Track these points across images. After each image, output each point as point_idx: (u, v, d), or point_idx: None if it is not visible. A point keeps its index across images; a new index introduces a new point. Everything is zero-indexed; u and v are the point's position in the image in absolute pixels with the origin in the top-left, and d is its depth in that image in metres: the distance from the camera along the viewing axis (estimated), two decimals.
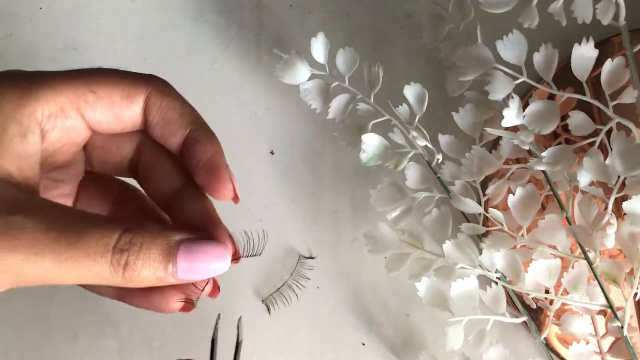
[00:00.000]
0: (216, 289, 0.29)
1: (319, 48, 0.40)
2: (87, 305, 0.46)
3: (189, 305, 0.28)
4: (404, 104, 0.39)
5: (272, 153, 0.47)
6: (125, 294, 0.29)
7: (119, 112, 0.27)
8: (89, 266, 0.23)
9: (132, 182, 0.31)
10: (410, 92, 0.39)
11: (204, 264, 0.25)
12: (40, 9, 0.49)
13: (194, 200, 0.28)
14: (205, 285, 0.27)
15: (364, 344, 0.45)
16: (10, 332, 0.46)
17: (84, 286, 0.31)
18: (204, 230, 0.27)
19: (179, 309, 0.28)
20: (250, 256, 0.28)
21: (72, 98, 0.26)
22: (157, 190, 0.29)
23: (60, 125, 0.26)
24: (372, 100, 0.40)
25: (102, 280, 0.23)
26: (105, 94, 0.26)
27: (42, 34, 0.49)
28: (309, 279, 0.46)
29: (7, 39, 0.49)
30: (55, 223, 0.23)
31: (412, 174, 0.39)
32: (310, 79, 0.41)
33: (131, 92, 0.27)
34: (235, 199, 0.27)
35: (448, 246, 0.37)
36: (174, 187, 0.29)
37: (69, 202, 0.29)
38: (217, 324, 0.31)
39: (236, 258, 0.27)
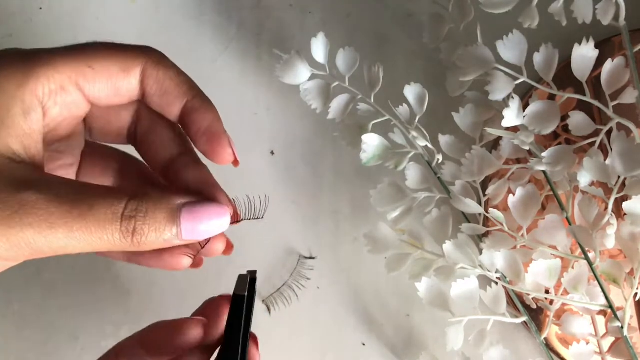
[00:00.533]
0: (229, 246, 0.30)
1: (319, 48, 0.40)
2: (87, 306, 0.46)
3: (198, 260, 0.29)
4: (404, 104, 0.39)
5: (272, 153, 0.47)
6: (134, 256, 0.30)
7: (117, 85, 0.27)
8: (99, 234, 0.24)
9: (130, 150, 0.32)
10: (410, 92, 0.39)
11: (206, 224, 0.26)
12: (40, 9, 0.49)
13: (191, 166, 0.29)
14: (207, 242, 0.28)
15: (364, 344, 0.45)
16: (11, 332, 0.46)
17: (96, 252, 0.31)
18: (203, 193, 0.28)
19: (189, 264, 0.29)
20: (253, 219, 0.30)
21: (70, 74, 0.26)
22: (155, 157, 0.30)
23: (61, 101, 0.27)
24: (372, 100, 0.40)
25: (112, 246, 0.25)
26: (103, 68, 0.27)
27: (42, 34, 0.49)
28: (309, 279, 0.46)
29: (7, 39, 0.49)
30: (65, 196, 0.24)
31: (412, 174, 0.39)
32: (310, 79, 0.41)
33: (127, 64, 0.27)
34: (235, 162, 0.29)
35: (448, 246, 0.37)
36: (171, 154, 0.30)
37: (72, 171, 0.30)
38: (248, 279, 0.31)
39: (236, 219, 0.29)
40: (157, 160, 0.30)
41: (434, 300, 0.37)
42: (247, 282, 0.31)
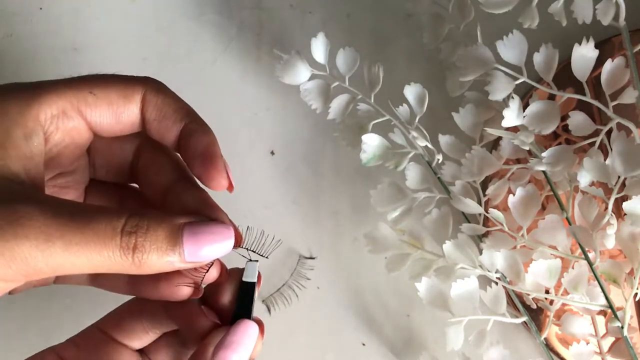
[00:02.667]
0: (224, 272, 0.30)
1: (319, 48, 0.40)
2: (88, 306, 0.46)
3: (197, 290, 0.29)
4: (404, 104, 0.39)
5: (272, 153, 0.47)
6: (135, 286, 0.29)
7: (118, 112, 0.27)
8: (98, 250, 0.23)
9: None
10: (410, 92, 0.39)
11: (209, 244, 0.26)
12: (40, 9, 0.49)
13: (189, 190, 0.29)
14: (209, 268, 0.28)
15: (364, 344, 0.45)
16: (12, 333, 0.46)
17: (96, 283, 0.31)
18: (203, 214, 0.28)
19: (188, 294, 0.29)
20: (257, 253, 0.29)
21: (72, 100, 0.26)
22: (155, 187, 0.30)
23: (62, 126, 0.27)
24: (372, 100, 0.40)
25: (112, 265, 0.24)
26: (104, 94, 0.27)
27: (42, 34, 0.49)
28: (309, 279, 0.46)
29: (7, 39, 0.49)
30: (62, 211, 0.23)
31: (412, 174, 0.39)
32: (310, 79, 0.41)
33: (128, 91, 0.28)
34: (230, 187, 0.28)
35: (448, 246, 0.37)
36: (169, 181, 0.30)
37: None
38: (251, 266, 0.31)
39: (239, 243, 0.28)
40: (156, 190, 0.30)
41: (434, 300, 0.37)
42: (257, 269, 0.30)
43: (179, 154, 0.30)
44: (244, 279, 0.30)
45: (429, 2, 0.41)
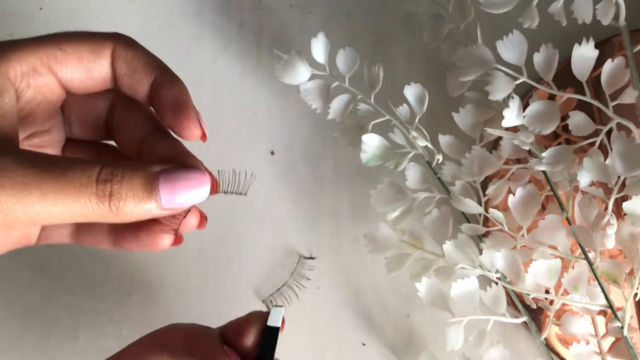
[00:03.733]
0: (203, 219, 0.30)
1: (319, 48, 0.40)
2: (88, 305, 0.46)
3: (178, 238, 0.29)
4: (404, 104, 0.39)
5: (272, 153, 0.47)
6: (117, 239, 0.30)
7: (88, 67, 0.28)
8: (74, 198, 0.23)
9: None
10: (410, 92, 0.39)
11: (185, 190, 0.26)
12: (40, 9, 0.49)
13: (163, 141, 0.29)
14: (186, 214, 0.28)
15: (364, 344, 0.45)
16: (11, 332, 0.46)
17: (79, 239, 0.31)
18: (179, 162, 0.28)
19: (169, 243, 0.29)
20: (235, 193, 0.29)
21: (42, 57, 0.27)
22: (130, 141, 0.30)
23: (34, 83, 0.27)
24: (372, 100, 0.40)
25: (89, 213, 0.24)
26: (73, 50, 0.27)
27: (42, 34, 0.49)
28: (309, 279, 0.46)
29: (7, 38, 0.49)
30: (38, 162, 0.24)
31: (412, 174, 0.39)
32: (310, 79, 0.41)
33: (97, 47, 0.28)
34: (203, 136, 0.28)
35: (448, 246, 0.37)
36: (143, 134, 0.30)
37: None
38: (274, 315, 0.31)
39: (216, 189, 0.28)
40: (131, 144, 0.30)
41: (434, 300, 0.37)
42: (282, 314, 0.31)
43: (151, 108, 0.30)
44: (268, 323, 0.30)
45: (429, 2, 0.41)
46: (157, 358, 0.31)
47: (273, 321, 0.30)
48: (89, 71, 0.28)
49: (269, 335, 0.30)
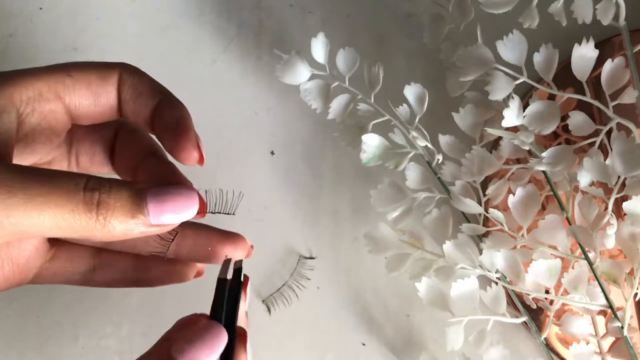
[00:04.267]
0: (250, 249, 0.31)
1: (319, 48, 0.40)
2: (88, 305, 0.46)
3: (200, 271, 0.30)
4: (404, 104, 0.39)
5: (272, 153, 0.47)
6: (139, 272, 0.30)
7: (96, 93, 0.28)
8: (61, 203, 0.23)
9: None
10: (410, 92, 0.39)
11: (173, 206, 0.25)
12: (40, 9, 0.49)
13: (157, 164, 0.29)
14: (174, 237, 0.28)
15: (364, 344, 0.45)
16: (11, 332, 0.46)
17: (95, 276, 0.31)
18: (168, 182, 0.27)
19: (192, 276, 0.30)
20: (223, 213, 0.28)
21: (49, 82, 0.27)
22: (126, 166, 0.30)
23: (39, 108, 0.27)
24: (372, 100, 0.40)
25: (76, 224, 0.23)
26: (82, 76, 0.27)
27: (42, 34, 0.49)
28: (309, 279, 0.46)
29: (7, 39, 0.49)
30: (25, 169, 0.23)
31: (412, 174, 0.39)
32: (310, 79, 0.41)
33: (105, 73, 0.28)
34: (200, 159, 0.28)
35: (448, 246, 0.37)
36: (140, 159, 0.30)
37: None
38: (226, 266, 0.30)
39: (204, 210, 0.27)
40: (128, 169, 0.30)
41: (434, 300, 0.37)
42: (230, 267, 0.29)
43: (153, 136, 0.30)
44: (218, 276, 0.29)
45: (429, 2, 0.41)
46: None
47: (222, 273, 0.29)
48: (96, 97, 0.28)
49: (219, 290, 0.28)
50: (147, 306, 0.46)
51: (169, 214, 0.25)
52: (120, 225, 0.24)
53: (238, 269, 0.30)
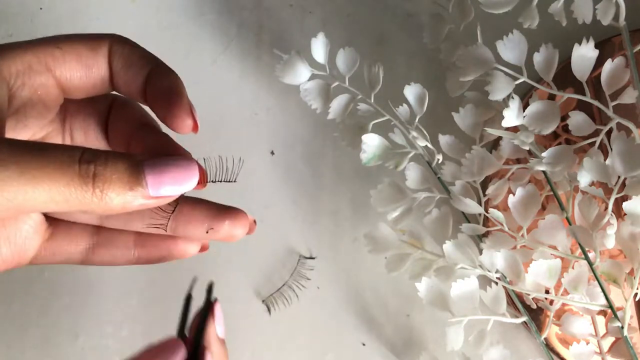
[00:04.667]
0: (252, 224, 0.31)
1: (319, 48, 0.40)
2: (88, 305, 0.46)
3: (204, 245, 0.29)
4: (404, 104, 0.39)
5: (272, 153, 0.47)
6: (141, 247, 0.30)
7: (87, 64, 0.27)
8: (56, 177, 0.22)
9: None
10: (410, 92, 0.39)
11: (172, 177, 0.25)
12: (40, 9, 0.49)
13: (151, 135, 0.28)
14: (174, 209, 0.27)
15: (364, 344, 0.45)
16: (11, 332, 0.46)
17: (95, 254, 0.31)
18: (165, 152, 0.27)
19: (196, 251, 0.30)
20: (224, 181, 0.28)
21: (39, 55, 0.26)
22: (119, 138, 0.29)
23: (29, 82, 0.26)
24: (372, 100, 0.40)
25: (72, 197, 0.23)
26: (71, 48, 0.27)
27: (42, 34, 0.49)
28: (309, 279, 0.46)
29: (7, 39, 0.49)
30: (18, 142, 0.23)
31: (412, 174, 0.39)
32: (310, 79, 0.41)
33: (95, 44, 0.27)
34: (195, 127, 0.27)
35: (448, 246, 0.37)
36: (132, 130, 0.29)
37: None
38: (192, 285, 0.30)
39: (204, 180, 0.26)
40: (121, 141, 0.29)
41: (434, 300, 0.37)
42: (192, 285, 0.30)
43: (147, 108, 0.29)
44: (186, 292, 0.29)
45: (429, 2, 0.41)
46: None
47: (189, 289, 0.29)
48: (87, 69, 0.27)
49: (185, 306, 0.29)
50: (147, 306, 0.46)
51: (168, 185, 0.24)
52: (118, 197, 0.23)
53: (209, 288, 0.30)
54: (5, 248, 0.28)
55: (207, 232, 0.28)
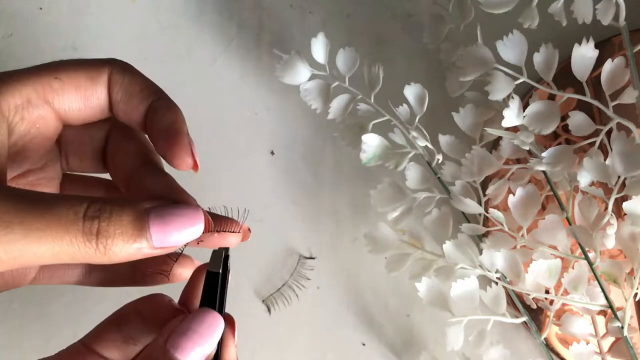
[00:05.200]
0: (246, 232, 0.29)
1: (319, 48, 0.40)
2: (88, 305, 0.46)
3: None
4: (404, 104, 0.39)
5: (272, 153, 0.47)
6: (140, 275, 0.29)
7: (85, 95, 0.27)
8: (60, 235, 0.22)
9: None
10: (410, 92, 0.39)
11: (177, 228, 0.24)
12: (40, 9, 0.49)
13: (153, 175, 0.28)
14: (180, 254, 0.27)
15: (364, 344, 0.45)
16: (12, 331, 0.46)
17: (92, 278, 0.31)
18: (170, 198, 0.26)
19: (162, 281, 0.28)
20: (229, 231, 0.28)
21: (37, 87, 0.26)
22: (120, 171, 0.29)
23: (28, 116, 0.26)
24: (372, 100, 0.40)
25: (75, 253, 0.23)
26: (69, 78, 0.26)
27: (42, 34, 0.49)
28: (309, 279, 0.46)
29: (7, 39, 0.49)
30: (22, 199, 0.22)
31: (412, 174, 0.39)
32: (310, 79, 0.41)
33: (94, 73, 0.27)
34: (195, 166, 0.27)
35: (448, 246, 0.37)
36: (134, 166, 0.28)
37: None
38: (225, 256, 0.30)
39: (209, 228, 0.26)
40: (122, 175, 0.29)
41: (434, 300, 0.37)
42: (222, 258, 0.29)
43: (147, 138, 0.29)
44: (208, 269, 0.28)
45: (429, 2, 0.41)
46: (115, 333, 0.29)
47: (212, 266, 0.28)
48: (86, 100, 0.27)
49: (210, 282, 0.28)
50: None
51: (172, 236, 0.24)
52: (122, 251, 0.23)
53: (225, 257, 0.29)
54: (7, 273, 0.28)
55: (197, 244, 0.28)
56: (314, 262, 0.46)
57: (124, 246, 0.23)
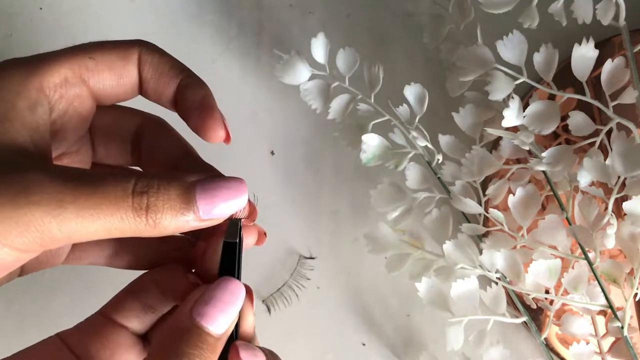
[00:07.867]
0: (262, 235, 0.31)
1: (319, 48, 0.40)
2: (88, 306, 0.46)
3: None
4: (404, 104, 0.39)
5: (272, 153, 0.47)
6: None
7: (118, 73, 0.28)
8: (110, 212, 0.23)
9: None
10: (410, 92, 0.39)
11: (223, 199, 0.25)
12: (40, 9, 0.49)
13: (196, 163, 0.30)
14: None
15: (364, 344, 0.45)
16: (11, 332, 0.46)
17: (119, 259, 0.31)
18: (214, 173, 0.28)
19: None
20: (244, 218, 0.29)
21: (73, 67, 0.27)
22: (160, 165, 0.30)
23: (66, 94, 0.27)
24: (372, 100, 0.40)
25: (126, 228, 0.23)
26: (103, 58, 0.27)
27: (42, 34, 0.49)
28: (309, 279, 0.46)
29: (7, 39, 0.49)
30: (72, 177, 0.23)
31: (412, 174, 0.39)
32: (310, 79, 0.41)
33: (125, 53, 0.28)
34: (227, 138, 0.29)
35: (448, 246, 0.37)
36: (176, 158, 0.30)
37: None
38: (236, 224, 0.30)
39: (253, 208, 0.28)
40: (164, 168, 0.30)
41: (434, 300, 0.37)
42: (238, 228, 0.29)
43: (180, 135, 0.30)
44: (225, 239, 0.29)
45: (429, 2, 0.41)
46: (133, 302, 0.30)
47: (229, 237, 0.29)
48: (119, 78, 0.28)
49: (227, 252, 0.29)
50: None
51: (219, 208, 0.25)
52: (171, 224, 0.24)
53: (240, 228, 0.30)
54: (43, 253, 0.29)
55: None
56: (314, 262, 0.46)
57: (172, 219, 0.24)
